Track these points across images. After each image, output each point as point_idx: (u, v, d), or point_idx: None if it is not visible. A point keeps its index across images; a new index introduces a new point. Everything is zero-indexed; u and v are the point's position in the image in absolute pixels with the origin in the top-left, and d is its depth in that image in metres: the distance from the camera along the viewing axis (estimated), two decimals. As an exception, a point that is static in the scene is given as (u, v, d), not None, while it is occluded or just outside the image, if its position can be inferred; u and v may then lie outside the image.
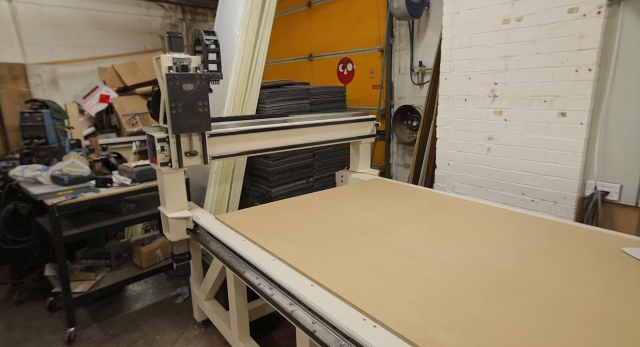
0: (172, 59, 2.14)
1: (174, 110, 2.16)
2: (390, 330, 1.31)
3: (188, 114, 2.21)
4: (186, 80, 2.17)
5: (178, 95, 2.15)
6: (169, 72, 2.12)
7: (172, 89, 2.13)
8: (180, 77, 2.15)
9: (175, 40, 2.18)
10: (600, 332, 1.29)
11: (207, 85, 2.26)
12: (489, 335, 1.27)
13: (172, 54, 2.16)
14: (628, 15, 2.42)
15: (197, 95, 2.21)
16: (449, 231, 2.17)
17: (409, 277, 1.67)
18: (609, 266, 1.73)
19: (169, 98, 2.13)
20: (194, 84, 2.20)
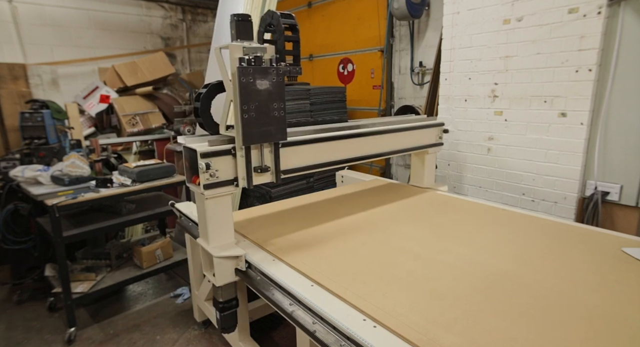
0: (243, 49, 1.68)
1: (245, 113, 1.69)
2: (390, 330, 1.31)
3: (261, 118, 1.75)
4: (260, 75, 1.71)
5: (250, 95, 1.69)
6: (241, 64, 1.66)
7: (244, 86, 1.67)
8: (254, 71, 1.68)
9: (243, 24, 1.72)
10: (600, 332, 1.29)
11: (283, 82, 1.79)
12: (489, 335, 1.27)
13: (242, 42, 1.71)
14: (628, 15, 2.42)
15: (272, 94, 1.75)
16: (449, 231, 2.17)
17: (409, 277, 1.67)
18: (609, 266, 1.73)
19: (240, 98, 1.68)
20: (269, 81, 1.73)
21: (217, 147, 1.77)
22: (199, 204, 1.91)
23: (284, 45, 1.86)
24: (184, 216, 2.59)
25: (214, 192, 1.79)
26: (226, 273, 1.89)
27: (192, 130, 4.35)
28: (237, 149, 1.81)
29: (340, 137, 2.28)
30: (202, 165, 1.69)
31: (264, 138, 1.80)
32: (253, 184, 1.88)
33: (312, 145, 2.13)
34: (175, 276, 3.64)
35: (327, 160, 2.23)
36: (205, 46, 6.05)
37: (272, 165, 1.92)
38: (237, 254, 1.87)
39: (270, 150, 1.91)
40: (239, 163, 1.83)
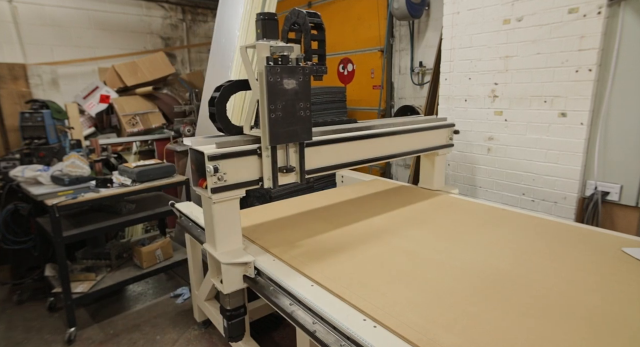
0: (270, 48, 1.67)
1: (273, 113, 1.69)
2: (390, 330, 1.31)
3: (288, 118, 1.75)
4: (287, 74, 1.71)
5: (278, 94, 1.69)
6: (268, 63, 1.66)
7: (272, 85, 1.67)
8: (282, 70, 1.68)
9: (269, 23, 1.70)
10: (600, 332, 1.29)
11: (309, 82, 1.79)
12: (489, 335, 1.27)
13: (268, 41, 1.69)
14: (628, 15, 2.42)
15: (298, 94, 1.75)
16: (448, 231, 2.17)
17: (409, 277, 1.67)
18: (609, 266, 1.73)
19: (268, 98, 1.68)
20: (296, 80, 1.73)
21: (226, 150, 1.72)
22: (206, 208, 1.85)
23: (310, 44, 1.85)
24: (184, 216, 2.59)
25: (222, 196, 1.74)
26: (234, 280, 1.83)
27: (192, 130, 4.35)
28: (263, 149, 1.79)
29: (362, 137, 2.26)
30: (209, 168, 1.65)
31: (290, 138, 1.79)
32: (278, 185, 1.87)
33: (335, 146, 2.13)
34: (175, 276, 3.64)
35: (347, 161, 2.21)
36: (205, 46, 6.05)
37: (297, 165, 1.90)
38: (245, 260, 1.81)
39: (295, 151, 1.88)
40: (265, 163, 1.81)
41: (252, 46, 1.72)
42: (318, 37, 1.87)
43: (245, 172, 1.81)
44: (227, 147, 1.75)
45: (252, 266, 1.82)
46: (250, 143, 1.83)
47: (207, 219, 1.88)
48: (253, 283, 1.81)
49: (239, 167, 1.77)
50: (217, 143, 1.73)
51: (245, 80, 1.89)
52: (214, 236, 1.84)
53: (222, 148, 1.72)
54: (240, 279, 1.84)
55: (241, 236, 1.93)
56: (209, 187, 1.69)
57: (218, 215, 1.79)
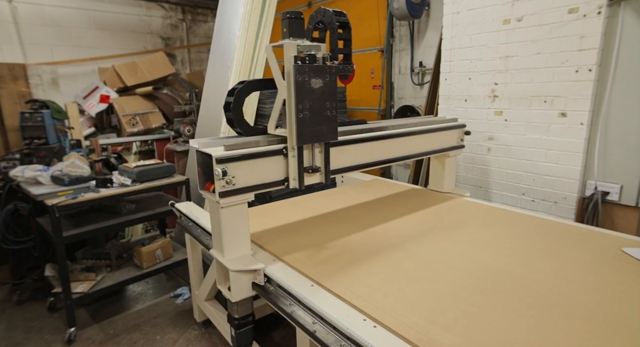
0: (297, 47, 1.66)
1: (300, 113, 1.67)
2: (390, 330, 1.31)
3: (315, 118, 1.72)
4: (315, 74, 1.68)
5: (305, 94, 1.67)
6: (296, 62, 1.64)
7: (300, 85, 1.65)
8: (309, 69, 1.66)
9: (296, 22, 1.68)
10: (600, 332, 1.29)
11: (335, 81, 1.78)
12: (489, 335, 1.27)
13: (295, 40, 1.68)
14: (628, 15, 2.42)
15: (325, 93, 1.73)
16: (448, 231, 2.17)
17: (408, 277, 1.67)
18: (609, 266, 1.73)
19: (296, 97, 1.66)
20: (323, 79, 1.71)
21: (235, 152, 1.66)
22: (213, 212, 1.79)
23: (337, 44, 1.84)
24: (184, 216, 2.59)
25: (230, 200, 1.68)
26: (243, 288, 1.76)
27: (192, 130, 4.35)
28: (289, 149, 1.77)
29: (383, 137, 2.24)
30: (217, 171, 1.58)
31: (316, 138, 1.76)
32: (304, 185, 1.83)
33: (357, 146, 2.11)
34: (175, 276, 3.64)
35: (367, 161, 2.18)
36: (205, 46, 6.05)
37: (322, 165, 1.87)
38: (255, 267, 1.73)
39: (320, 150, 1.86)
40: (291, 163, 1.79)
41: (279, 45, 1.69)
42: (344, 36, 1.86)
43: (270, 172, 1.78)
44: (237, 149, 1.69)
45: (262, 274, 1.75)
46: (275, 143, 1.80)
47: (214, 224, 1.81)
48: (262, 291, 1.74)
49: (257, 169, 1.72)
50: (226, 145, 1.68)
51: (257, 81, 1.87)
52: (221, 242, 1.77)
53: (230, 150, 1.67)
54: (249, 287, 1.78)
55: (249, 241, 1.86)
56: (216, 191, 1.63)
57: (226, 220, 1.73)
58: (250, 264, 1.75)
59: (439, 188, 2.89)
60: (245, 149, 1.72)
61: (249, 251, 1.86)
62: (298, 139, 1.71)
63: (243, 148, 1.71)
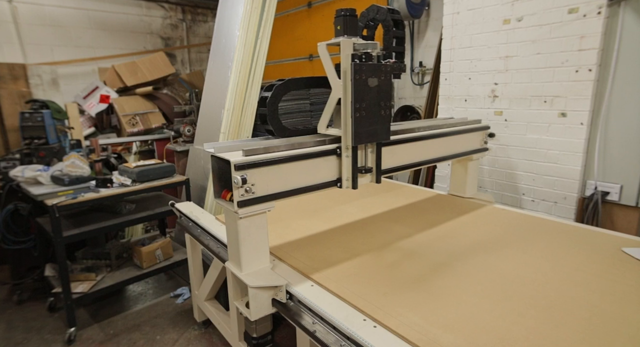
0: (354, 45, 1.63)
1: (357, 112, 1.64)
2: (390, 330, 1.31)
3: (370, 117, 1.69)
4: (371, 72, 1.65)
5: (362, 93, 1.64)
6: (354, 61, 1.62)
7: (358, 84, 1.62)
8: (367, 68, 1.63)
9: (351, 19, 1.64)
10: (600, 332, 1.29)
11: (390, 80, 1.75)
12: (489, 335, 1.27)
13: (350, 38, 1.64)
14: (628, 15, 2.42)
15: (380, 92, 1.70)
16: (448, 231, 2.17)
17: (408, 277, 1.67)
18: (609, 266, 1.73)
19: (354, 97, 1.62)
20: (379, 78, 1.68)
21: (255, 158, 1.53)
22: (230, 223, 1.66)
23: (392, 42, 1.81)
24: (184, 216, 2.59)
25: (249, 210, 1.55)
26: (263, 305, 1.61)
27: (192, 130, 4.35)
28: (343, 149, 1.73)
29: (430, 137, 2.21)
30: (237, 179, 1.46)
31: (371, 137, 1.73)
32: (357, 186, 1.79)
33: (404, 146, 2.07)
34: (175, 276, 3.64)
35: (409, 162, 2.13)
36: (205, 46, 6.05)
37: (373, 165, 1.84)
38: (277, 284, 1.60)
39: (372, 151, 1.82)
40: (344, 164, 1.75)
41: (335, 43, 1.65)
42: (399, 33, 1.83)
43: (324, 173, 1.75)
44: (257, 154, 1.56)
45: (284, 290, 1.61)
46: (325, 143, 1.74)
47: (231, 235, 1.68)
48: (284, 308, 1.60)
49: (265, 178, 1.58)
50: (245, 150, 1.54)
51: (298, 79, 1.82)
52: (239, 255, 1.63)
53: (250, 156, 1.54)
54: (269, 304, 1.63)
55: (268, 254, 1.74)
56: (235, 200, 1.49)
57: (244, 231, 1.59)
58: (271, 279, 1.61)
59: (461, 193, 2.76)
60: (271, 154, 1.60)
61: (268, 264, 1.73)
62: (355, 138, 1.66)
63: (264, 153, 1.58)
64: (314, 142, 1.74)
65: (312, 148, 1.70)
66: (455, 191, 2.81)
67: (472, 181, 2.73)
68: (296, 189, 1.68)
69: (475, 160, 2.68)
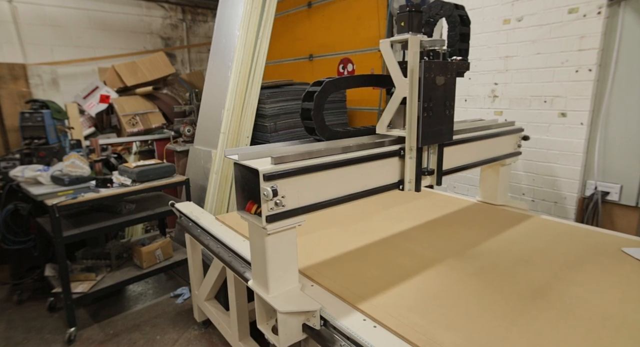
0: (421, 42, 1.56)
1: (425, 112, 1.57)
2: (390, 330, 1.31)
3: (436, 117, 1.63)
4: (439, 70, 1.59)
5: (430, 92, 1.58)
6: (423, 58, 1.56)
7: (427, 82, 1.55)
8: (435, 66, 1.57)
9: (416, 15, 1.55)
10: (600, 332, 1.29)
11: (455, 78, 1.69)
12: (489, 335, 1.27)
13: (417, 35, 1.56)
14: (628, 15, 2.42)
15: (446, 91, 1.64)
16: (448, 231, 2.17)
17: (409, 277, 1.67)
18: (609, 266, 1.73)
19: (423, 96, 1.55)
20: (445, 77, 1.62)
21: (286, 166, 1.36)
22: (255, 239, 1.48)
23: (458, 38, 1.77)
24: (184, 216, 2.59)
25: (279, 225, 1.38)
26: (293, 332, 1.44)
27: (192, 130, 4.35)
28: (407, 151, 1.66)
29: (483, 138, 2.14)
30: (267, 190, 1.29)
31: (436, 138, 1.67)
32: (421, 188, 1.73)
33: (460, 146, 2.01)
34: (175, 276, 3.64)
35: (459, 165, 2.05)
36: (205, 46, 6.05)
37: (435, 167, 1.77)
38: (310, 308, 1.42)
39: (434, 152, 1.75)
40: (408, 165, 1.68)
41: (400, 41, 1.57)
42: (465, 30, 1.79)
43: (383, 176, 1.66)
44: (289, 162, 1.38)
45: (318, 316, 1.43)
46: (384, 145, 1.65)
47: (256, 252, 1.50)
48: (316, 335, 1.43)
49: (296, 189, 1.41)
50: (275, 157, 1.36)
51: (337, 79, 1.69)
52: (266, 275, 1.45)
53: (280, 164, 1.36)
54: (300, 330, 1.45)
55: (297, 272, 1.57)
56: (263, 214, 1.33)
57: (273, 248, 1.43)
58: (303, 303, 1.44)
59: (492, 200, 2.61)
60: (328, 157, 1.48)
61: (296, 283, 1.55)
62: (423, 139, 1.60)
63: (298, 159, 1.41)
64: (372, 144, 1.63)
65: (370, 150, 1.60)
66: (486, 198, 2.65)
67: (503, 187, 2.59)
68: (341, 197, 1.54)
69: (507, 165, 2.52)
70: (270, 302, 1.44)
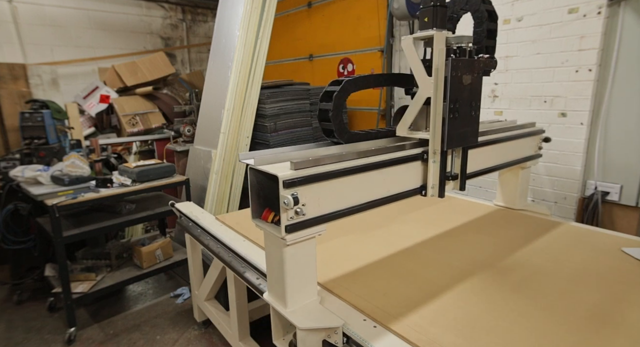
0: (447, 38, 1.45)
1: (452, 113, 1.46)
2: (390, 330, 1.31)
3: (462, 119, 1.51)
4: (466, 69, 1.47)
5: (457, 92, 1.47)
6: (450, 56, 1.44)
7: (454, 81, 1.44)
8: (462, 64, 1.45)
9: (441, 10, 1.44)
10: (600, 332, 1.29)
11: (482, 78, 1.57)
12: (489, 335, 1.27)
13: (442, 31, 1.45)
14: (628, 15, 2.42)
15: (472, 91, 1.52)
16: (448, 231, 2.17)
17: (409, 277, 1.67)
18: (609, 266, 1.73)
19: (450, 96, 1.44)
20: (472, 75, 1.50)
21: (307, 172, 1.26)
22: (272, 250, 1.39)
23: (485, 35, 1.68)
24: (184, 216, 2.59)
25: (299, 235, 1.29)
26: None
27: (192, 130, 4.35)
28: (430, 154, 1.56)
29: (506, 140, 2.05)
30: (287, 199, 1.20)
31: (462, 141, 1.55)
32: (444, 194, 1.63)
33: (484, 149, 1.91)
34: (175, 276, 3.64)
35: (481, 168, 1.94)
36: (205, 46, 6.05)
37: (459, 171, 1.66)
38: (332, 325, 1.32)
39: (457, 155, 1.64)
40: (431, 170, 1.58)
41: (424, 37, 1.46)
42: (492, 26, 1.69)
43: (404, 181, 1.56)
44: (310, 167, 1.29)
45: (341, 332, 1.33)
46: (405, 148, 1.56)
47: (272, 263, 1.41)
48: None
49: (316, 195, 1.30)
50: (295, 162, 1.25)
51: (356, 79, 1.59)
52: (284, 288, 1.36)
53: (301, 169, 1.26)
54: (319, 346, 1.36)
55: (316, 285, 1.48)
56: (282, 224, 1.23)
57: (291, 260, 1.33)
58: (324, 319, 1.34)
59: (511, 205, 2.52)
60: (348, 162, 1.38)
61: (315, 297, 1.46)
62: (448, 142, 1.49)
63: (319, 164, 1.32)
64: (393, 148, 1.54)
65: (392, 154, 1.50)
66: (505, 202, 2.56)
67: (523, 191, 2.49)
68: (362, 204, 1.44)
69: (527, 168, 2.41)
70: (288, 318, 1.35)
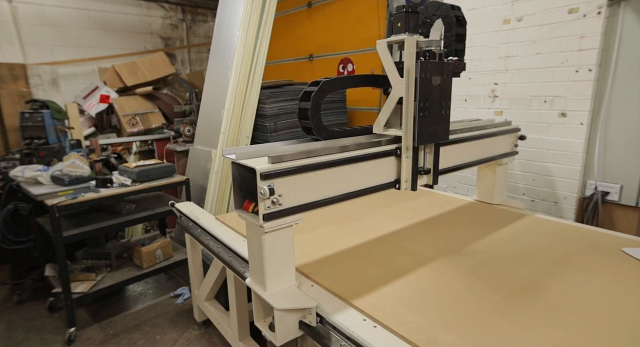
0: (417, 42, 1.58)
1: (421, 112, 1.61)
2: (390, 330, 1.31)
3: (432, 117, 1.66)
4: (435, 71, 1.62)
5: (427, 92, 1.62)
6: (419, 59, 1.58)
7: (423, 82, 1.59)
8: (431, 66, 1.60)
9: (413, 16, 1.58)
10: (600, 332, 1.29)
11: (451, 79, 1.73)
12: (489, 335, 1.27)
13: (413, 36, 1.58)
14: (628, 15, 2.42)
15: (441, 92, 1.68)
16: (449, 231, 2.17)
17: (409, 277, 1.67)
18: (609, 266, 1.73)
19: (420, 96, 1.59)
20: (441, 77, 1.66)
21: (283, 165, 1.38)
22: (252, 237, 1.51)
23: (453, 39, 1.80)
24: (184, 216, 2.59)
25: (276, 223, 1.41)
26: (289, 329, 1.47)
27: (192, 130, 4.35)
28: (403, 150, 1.69)
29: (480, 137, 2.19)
30: (264, 189, 1.31)
31: (432, 138, 1.71)
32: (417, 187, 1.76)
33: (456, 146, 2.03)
34: (175, 276, 3.64)
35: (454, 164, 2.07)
36: (205, 46, 6.05)
37: (431, 166, 1.81)
38: (306, 306, 1.45)
39: (430, 151, 1.79)
40: (404, 165, 1.71)
41: (397, 41, 1.59)
42: (461, 31, 1.82)
43: (379, 175, 1.68)
44: (286, 161, 1.40)
45: (314, 313, 1.45)
46: (381, 144, 1.68)
47: (253, 250, 1.53)
48: (312, 332, 1.45)
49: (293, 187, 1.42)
50: (272, 157, 1.38)
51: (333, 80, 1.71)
52: (263, 273, 1.48)
53: (277, 163, 1.37)
54: (296, 327, 1.48)
55: (294, 270, 1.59)
56: (260, 213, 1.35)
57: (269, 246, 1.44)
58: (300, 301, 1.46)
59: (489, 199, 2.64)
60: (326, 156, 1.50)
61: (293, 281, 1.58)
62: (419, 139, 1.63)
63: (295, 159, 1.43)
64: (368, 144, 1.65)
65: (367, 149, 1.62)
66: (483, 197, 2.68)
67: (500, 187, 2.62)
68: (337, 196, 1.56)
69: (504, 165, 2.55)
70: (267, 300, 1.46)
